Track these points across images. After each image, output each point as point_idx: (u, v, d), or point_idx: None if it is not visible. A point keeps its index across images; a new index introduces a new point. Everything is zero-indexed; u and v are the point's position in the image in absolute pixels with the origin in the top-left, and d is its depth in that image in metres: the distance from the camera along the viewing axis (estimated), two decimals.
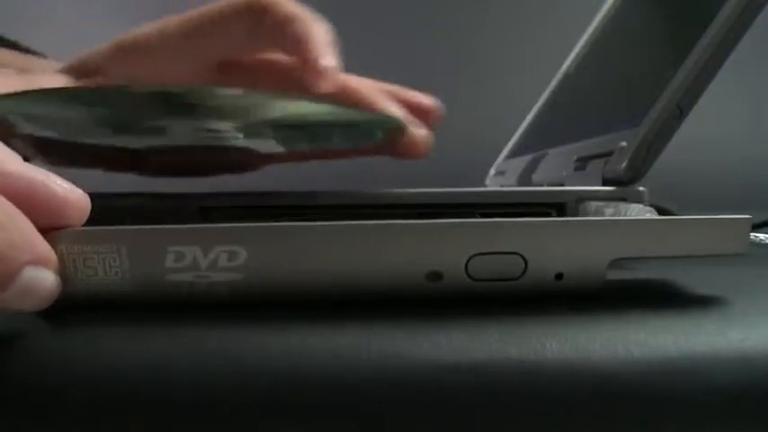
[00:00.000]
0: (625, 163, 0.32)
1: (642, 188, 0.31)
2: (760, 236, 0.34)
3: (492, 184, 0.55)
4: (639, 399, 0.17)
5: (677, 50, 0.33)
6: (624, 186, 0.31)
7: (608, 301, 0.20)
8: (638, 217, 0.26)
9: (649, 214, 0.27)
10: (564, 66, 0.57)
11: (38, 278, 0.17)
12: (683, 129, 0.33)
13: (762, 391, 0.17)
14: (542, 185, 0.42)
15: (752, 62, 0.60)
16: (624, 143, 0.33)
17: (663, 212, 0.28)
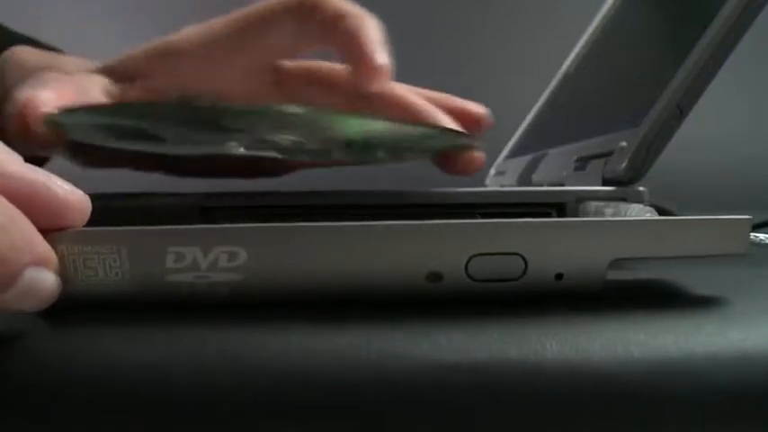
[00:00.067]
0: (625, 163, 0.32)
1: (642, 188, 0.31)
2: (760, 236, 0.34)
3: (492, 185, 0.55)
4: (639, 399, 0.17)
5: (677, 50, 0.33)
6: (624, 186, 0.31)
7: (608, 302, 0.20)
8: (638, 217, 0.26)
9: (649, 214, 0.27)
10: (564, 66, 0.57)
11: (39, 279, 0.17)
12: (683, 129, 0.33)
13: (762, 391, 0.17)
14: (542, 185, 0.42)
15: (752, 62, 0.60)
16: (624, 143, 0.33)
17: (663, 212, 0.28)
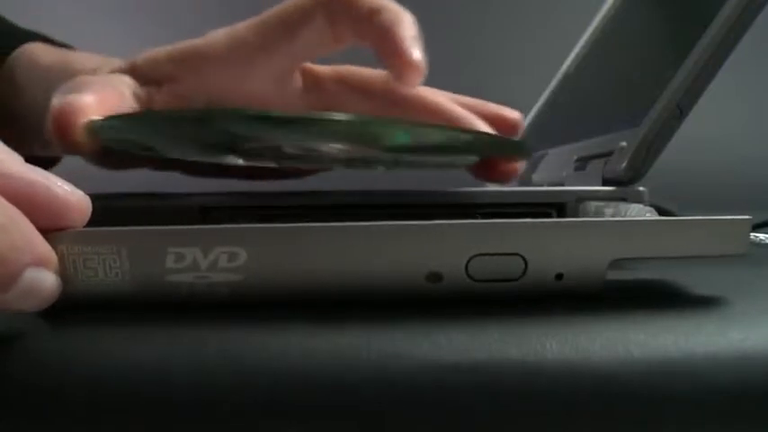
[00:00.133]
0: (625, 163, 0.32)
1: (642, 188, 0.31)
2: (760, 236, 0.34)
3: (492, 184, 0.55)
4: (639, 399, 0.17)
5: (677, 50, 0.33)
6: (624, 186, 0.31)
7: (608, 302, 0.20)
8: (638, 217, 0.26)
9: (649, 214, 0.27)
10: (564, 66, 0.57)
11: (39, 279, 0.17)
12: (683, 129, 0.33)
13: (762, 391, 0.17)
14: (542, 185, 0.42)
15: (752, 62, 0.60)
16: (624, 143, 0.33)
17: (663, 212, 0.28)
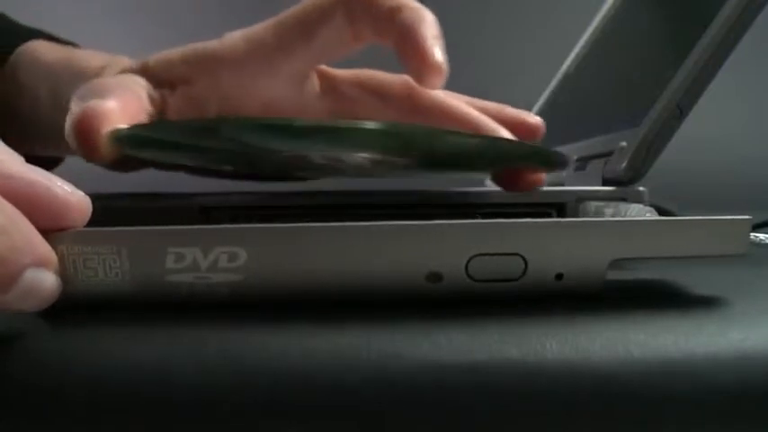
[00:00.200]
0: (625, 163, 0.32)
1: (642, 188, 0.31)
2: (760, 236, 0.34)
3: (492, 185, 0.55)
4: (639, 399, 0.17)
5: (677, 50, 0.33)
6: (624, 186, 0.31)
7: (608, 302, 0.20)
8: (638, 217, 0.26)
9: (649, 214, 0.27)
10: (564, 66, 0.57)
11: (39, 279, 0.17)
12: (683, 129, 0.33)
13: (762, 391, 0.17)
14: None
15: (752, 62, 0.60)
16: (624, 143, 0.33)
17: (663, 212, 0.28)
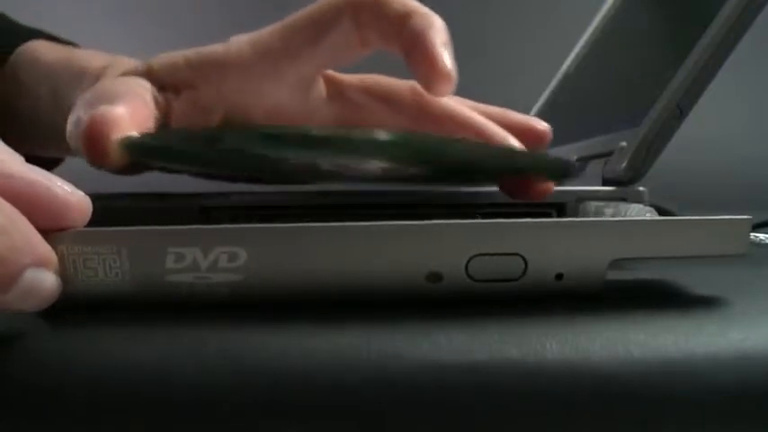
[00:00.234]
0: (625, 163, 0.32)
1: (642, 188, 0.31)
2: (760, 236, 0.34)
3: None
4: (639, 399, 0.17)
5: (677, 50, 0.33)
6: (624, 186, 0.31)
7: (608, 302, 0.20)
8: (638, 217, 0.26)
9: (649, 214, 0.27)
10: (564, 66, 0.57)
11: (39, 280, 0.17)
12: (683, 129, 0.33)
13: (762, 391, 0.17)
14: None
15: (752, 62, 0.60)
16: (624, 143, 0.33)
17: (663, 212, 0.28)
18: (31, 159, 0.19)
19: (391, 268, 0.19)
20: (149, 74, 0.30)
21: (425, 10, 0.29)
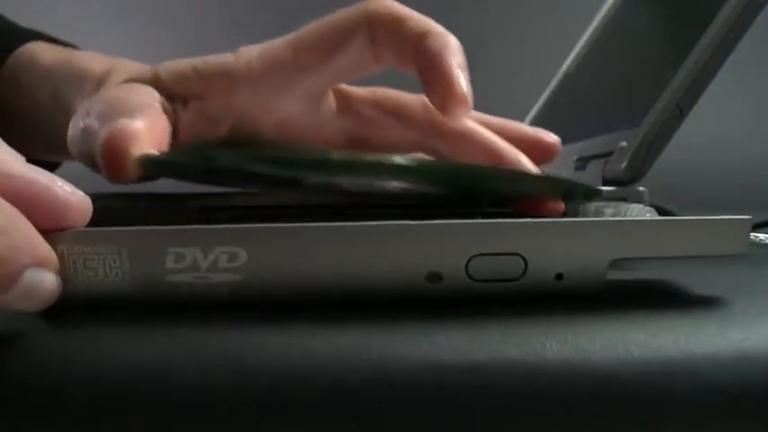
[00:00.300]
0: (625, 163, 0.32)
1: (642, 188, 0.31)
2: (760, 236, 0.34)
3: None
4: (639, 399, 0.17)
5: (677, 50, 0.33)
6: (624, 186, 0.31)
7: (608, 302, 0.20)
8: (638, 217, 0.26)
9: (649, 214, 0.27)
10: (564, 66, 0.57)
11: (39, 280, 0.17)
12: (683, 129, 0.33)
13: (762, 391, 0.17)
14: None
15: (752, 62, 0.60)
16: (624, 143, 0.33)
17: (663, 212, 0.28)
18: (31, 162, 0.19)
19: (391, 268, 0.19)
20: (156, 82, 0.30)
21: (441, 29, 0.29)
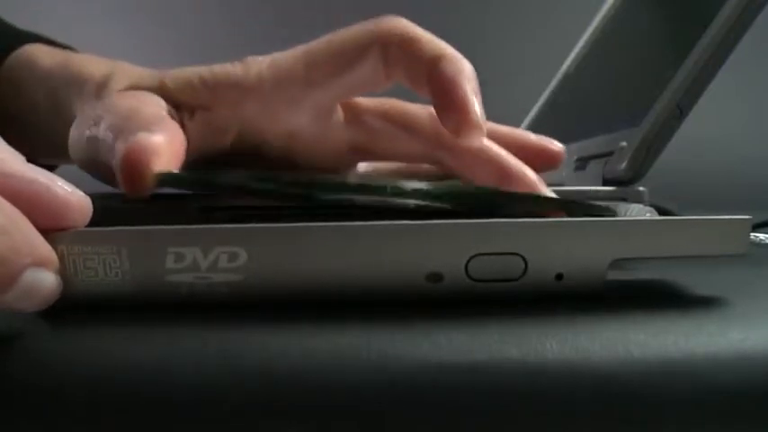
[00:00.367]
0: (625, 163, 0.32)
1: (642, 188, 0.31)
2: (760, 236, 0.34)
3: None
4: (639, 399, 0.17)
5: (677, 50, 0.33)
6: (624, 186, 0.31)
7: (608, 302, 0.20)
8: (638, 217, 0.26)
9: (649, 214, 0.27)
10: (564, 66, 0.57)
11: (39, 280, 0.17)
12: (683, 129, 0.33)
13: (762, 391, 0.17)
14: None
15: (752, 62, 0.60)
16: (624, 143, 0.33)
17: (663, 212, 0.28)
18: (31, 162, 0.19)
19: (391, 268, 0.19)
20: (162, 90, 0.29)
21: (455, 53, 0.28)
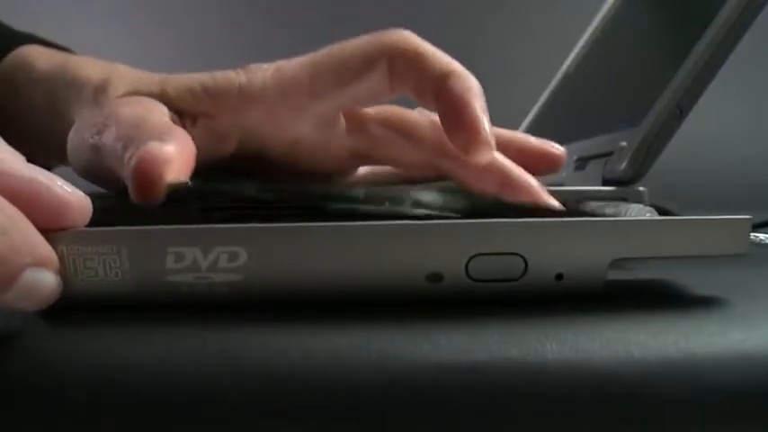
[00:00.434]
0: (625, 163, 0.32)
1: (642, 188, 0.31)
2: (760, 236, 0.34)
3: None
4: (639, 399, 0.17)
5: (677, 50, 0.33)
6: (624, 186, 0.31)
7: (608, 302, 0.20)
8: (638, 217, 0.26)
9: (649, 214, 0.27)
10: (564, 66, 0.57)
11: (39, 279, 0.17)
12: (683, 129, 0.33)
13: (762, 391, 0.17)
14: (542, 185, 0.42)
15: (752, 62, 0.60)
16: (624, 143, 0.33)
17: (663, 212, 0.28)
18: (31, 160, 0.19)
19: (391, 268, 0.19)
20: (163, 97, 0.29)
21: (463, 69, 0.28)
